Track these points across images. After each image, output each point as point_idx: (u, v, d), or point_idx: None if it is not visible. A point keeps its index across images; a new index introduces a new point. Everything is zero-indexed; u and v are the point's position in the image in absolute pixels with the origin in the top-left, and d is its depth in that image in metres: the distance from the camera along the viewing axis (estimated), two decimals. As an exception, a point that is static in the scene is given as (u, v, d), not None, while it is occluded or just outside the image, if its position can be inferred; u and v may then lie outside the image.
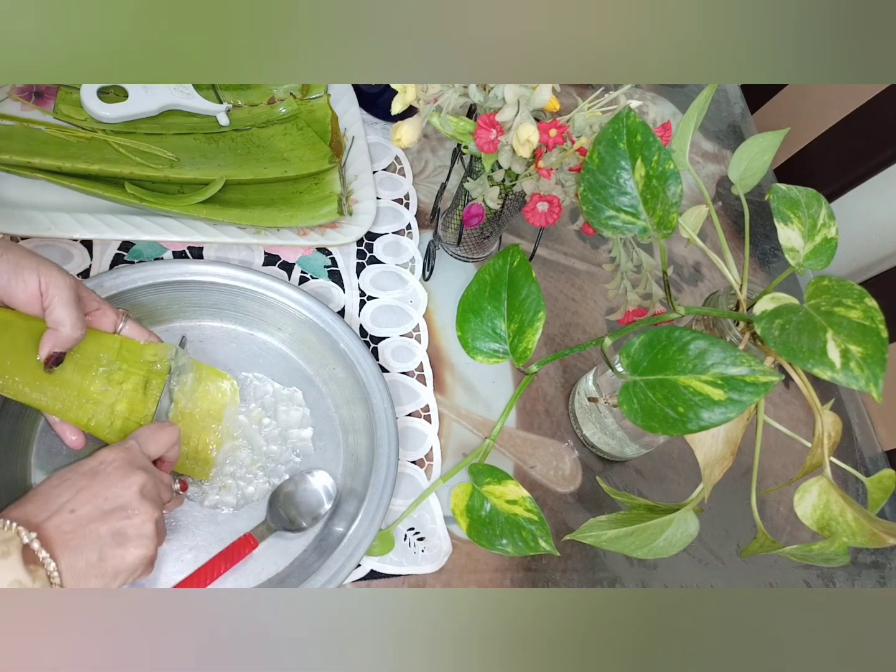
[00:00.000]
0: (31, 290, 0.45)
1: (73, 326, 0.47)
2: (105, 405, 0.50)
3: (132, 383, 0.51)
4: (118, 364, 0.51)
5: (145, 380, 0.52)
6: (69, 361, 0.49)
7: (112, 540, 0.41)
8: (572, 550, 0.62)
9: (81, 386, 0.49)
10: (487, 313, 0.53)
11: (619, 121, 0.47)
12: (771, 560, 0.68)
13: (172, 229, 0.60)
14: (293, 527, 0.54)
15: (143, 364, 0.52)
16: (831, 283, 0.43)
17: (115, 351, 0.51)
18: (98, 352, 0.50)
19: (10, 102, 0.63)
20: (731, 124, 1.01)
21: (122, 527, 0.42)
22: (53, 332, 0.47)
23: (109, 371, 0.50)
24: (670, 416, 0.41)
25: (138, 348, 0.52)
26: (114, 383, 0.50)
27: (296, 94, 0.73)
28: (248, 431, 0.56)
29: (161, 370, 0.53)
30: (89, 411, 0.49)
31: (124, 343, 0.51)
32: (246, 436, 0.56)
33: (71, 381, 0.49)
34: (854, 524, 0.42)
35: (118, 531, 0.42)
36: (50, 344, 0.47)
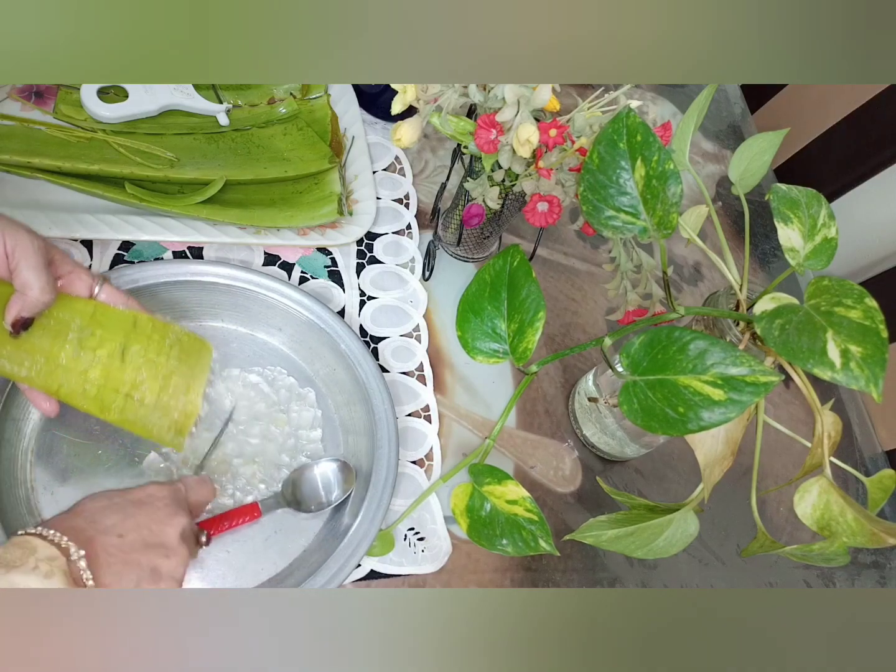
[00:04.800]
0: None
1: (41, 290, 0.44)
2: (76, 372, 0.48)
3: (107, 349, 0.49)
4: (91, 329, 0.48)
5: (123, 346, 0.49)
6: (38, 326, 0.46)
7: (149, 575, 0.41)
8: (572, 550, 0.62)
9: (50, 351, 0.47)
10: (487, 313, 0.53)
11: (619, 121, 0.47)
12: (771, 560, 0.68)
13: (172, 229, 0.60)
14: (300, 507, 0.54)
15: (118, 330, 0.49)
16: (831, 283, 0.43)
17: (89, 316, 0.48)
18: (69, 316, 0.48)
19: (10, 102, 0.63)
20: (731, 124, 1.01)
21: (159, 565, 0.42)
22: (20, 296, 0.44)
23: (81, 337, 0.48)
24: (670, 416, 0.41)
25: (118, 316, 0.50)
26: (87, 349, 0.48)
27: (296, 94, 0.73)
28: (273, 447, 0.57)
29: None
30: (59, 378, 0.47)
31: (99, 308, 0.49)
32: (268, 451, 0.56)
33: (39, 346, 0.47)
34: (854, 524, 0.42)
35: (155, 568, 0.41)
36: (16, 308, 0.44)
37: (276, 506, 0.54)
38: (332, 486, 0.55)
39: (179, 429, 0.51)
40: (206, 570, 0.52)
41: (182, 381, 0.51)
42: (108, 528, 0.41)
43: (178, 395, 0.51)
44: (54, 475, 0.52)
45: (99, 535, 0.40)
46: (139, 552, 0.41)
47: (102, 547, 0.39)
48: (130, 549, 0.41)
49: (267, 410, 0.58)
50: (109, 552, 0.40)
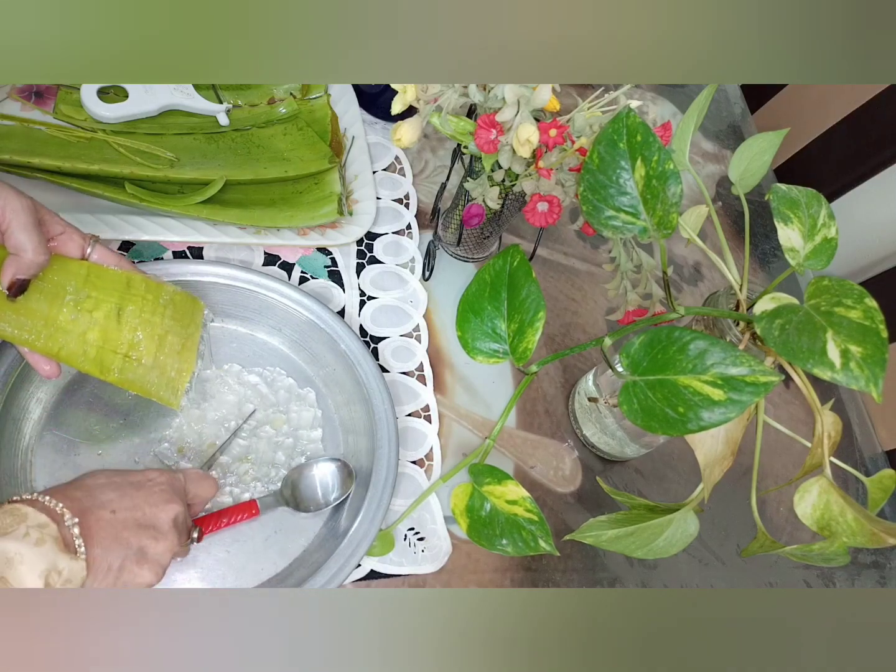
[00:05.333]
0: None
1: (34, 251, 0.44)
2: (75, 334, 0.48)
3: (103, 311, 0.49)
4: (86, 291, 0.48)
5: (118, 307, 0.49)
6: (34, 289, 0.46)
7: (135, 555, 0.41)
8: (572, 550, 0.62)
9: (49, 314, 0.47)
10: (487, 313, 0.53)
11: (619, 121, 0.47)
12: (771, 560, 0.68)
13: (172, 229, 0.60)
14: (299, 507, 0.54)
15: (113, 291, 0.49)
16: (831, 283, 0.43)
17: (83, 277, 0.48)
18: (64, 279, 0.48)
19: (10, 102, 0.63)
20: (731, 124, 1.01)
21: (147, 546, 0.42)
22: (14, 258, 0.44)
23: (78, 298, 0.48)
24: (670, 416, 0.41)
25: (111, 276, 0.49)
26: (83, 311, 0.48)
27: (296, 94, 0.73)
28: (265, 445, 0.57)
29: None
30: (59, 340, 0.48)
31: (92, 269, 0.49)
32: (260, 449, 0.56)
33: (37, 309, 0.47)
34: (854, 524, 0.42)
35: (142, 549, 0.42)
36: (11, 270, 0.44)
37: (275, 504, 0.54)
38: (332, 486, 0.55)
39: (175, 387, 0.51)
40: (206, 570, 0.52)
41: (177, 340, 0.52)
42: (103, 503, 0.41)
43: (174, 353, 0.51)
44: (54, 475, 0.52)
45: (94, 507, 0.40)
46: (130, 531, 0.41)
47: (95, 519, 0.40)
48: (122, 527, 0.41)
49: (265, 411, 0.58)
50: (101, 525, 0.40)
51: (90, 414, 0.54)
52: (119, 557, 0.40)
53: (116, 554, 0.40)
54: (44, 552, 0.36)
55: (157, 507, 0.43)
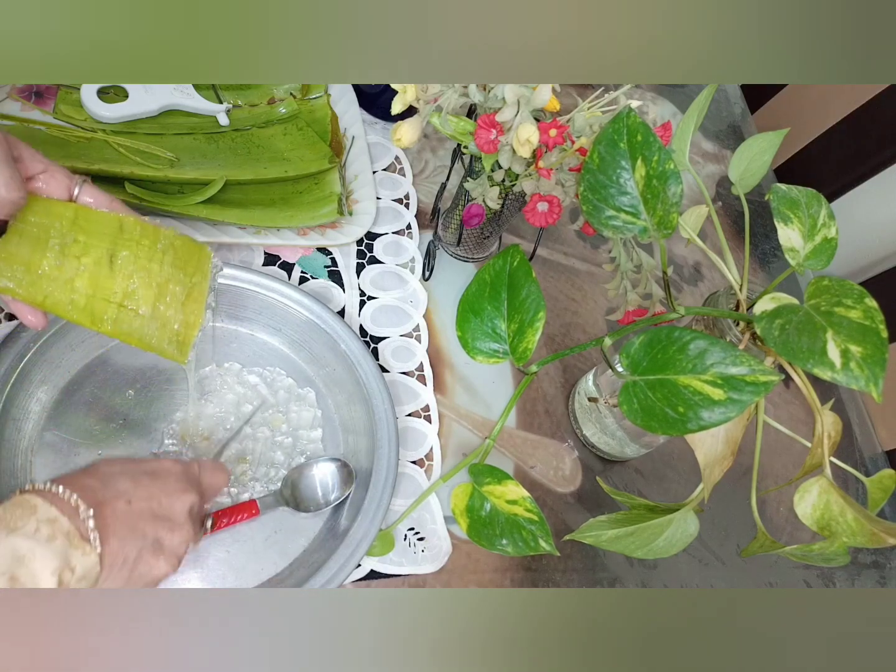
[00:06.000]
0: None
1: (6, 186, 0.40)
2: (61, 281, 0.44)
3: (93, 257, 0.45)
4: (73, 235, 0.45)
5: (110, 253, 0.46)
6: (14, 233, 0.43)
7: (151, 546, 0.40)
8: (572, 550, 0.62)
9: (31, 260, 0.43)
10: (487, 313, 0.53)
11: (619, 121, 0.47)
12: (771, 560, 0.68)
13: (172, 229, 0.60)
14: (299, 507, 0.54)
15: (104, 235, 0.46)
16: (831, 283, 0.43)
17: (70, 221, 0.45)
18: (48, 221, 0.44)
19: (10, 102, 0.63)
20: (731, 124, 1.01)
21: (163, 537, 0.41)
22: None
23: (63, 243, 0.44)
24: (670, 416, 0.41)
25: (102, 219, 0.46)
26: (69, 257, 0.44)
27: (296, 94, 0.73)
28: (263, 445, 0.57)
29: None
30: (43, 288, 0.44)
31: (80, 212, 0.45)
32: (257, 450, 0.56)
33: (17, 254, 0.43)
34: (854, 524, 0.42)
35: (158, 540, 0.41)
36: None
37: (275, 504, 0.54)
38: (332, 486, 0.55)
39: (182, 341, 0.48)
40: (206, 570, 0.52)
41: (179, 289, 0.48)
42: (119, 493, 0.40)
43: (177, 304, 0.47)
44: (54, 475, 0.51)
45: (109, 498, 0.39)
46: (146, 521, 0.40)
47: (111, 510, 0.39)
48: (138, 517, 0.40)
49: (262, 414, 0.58)
50: (117, 517, 0.39)
51: (90, 414, 0.54)
52: (135, 549, 0.39)
53: (132, 546, 0.39)
54: (56, 549, 0.35)
55: (172, 496, 0.43)
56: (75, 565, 0.35)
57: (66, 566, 0.35)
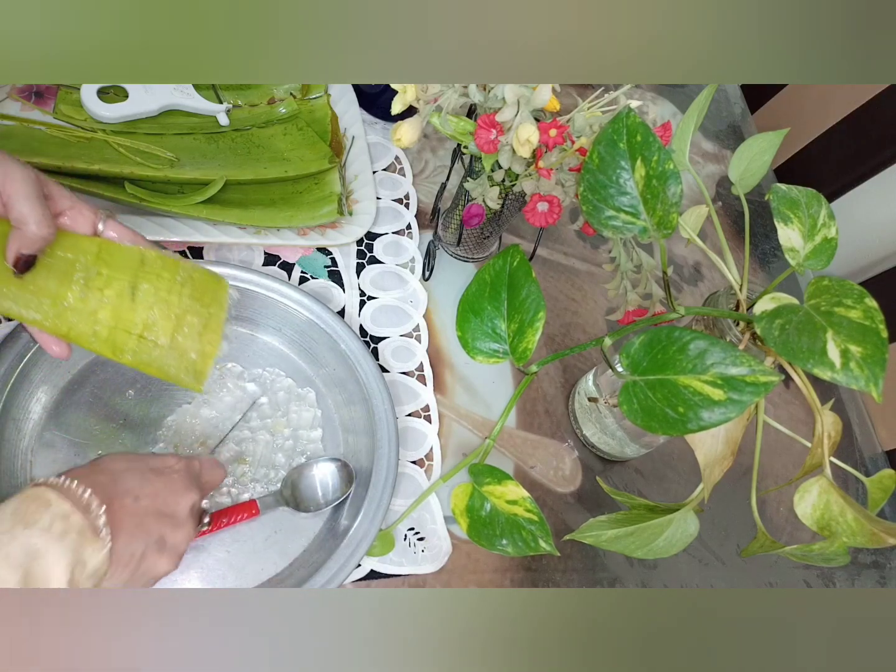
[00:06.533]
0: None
1: (38, 223, 0.42)
2: (85, 313, 0.46)
3: (115, 289, 0.47)
4: (97, 268, 0.46)
5: (132, 285, 0.47)
6: (42, 266, 0.45)
7: (156, 543, 0.41)
8: (572, 550, 0.62)
9: (57, 293, 0.45)
10: (487, 313, 0.53)
11: (619, 121, 0.47)
12: (771, 560, 0.68)
13: (172, 229, 0.60)
14: (299, 507, 0.54)
15: (126, 268, 0.47)
16: (831, 283, 0.43)
17: (94, 255, 0.46)
18: (74, 255, 0.46)
19: (10, 102, 0.63)
20: (731, 124, 1.01)
21: (166, 535, 0.42)
22: (18, 232, 0.42)
23: (88, 276, 0.46)
24: (670, 416, 0.41)
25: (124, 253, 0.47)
26: (93, 289, 0.46)
27: (296, 94, 0.73)
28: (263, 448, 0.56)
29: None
30: (68, 320, 0.46)
31: (104, 245, 0.47)
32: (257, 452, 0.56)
33: (45, 287, 0.45)
34: (854, 524, 0.42)
35: (162, 537, 0.42)
36: (16, 245, 0.42)
37: (275, 505, 0.54)
38: (332, 486, 0.55)
39: (199, 370, 0.49)
40: (206, 570, 0.52)
41: (197, 320, 0.49)
42: (127, 490, 0.41)
43: (194, 334, 0.49)
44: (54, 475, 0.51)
45: (118, 495, 0.40)
46: (151, 518, 0.41)
47: (120, 506, 0.40)
48: (144, 514, 0.41)
49: (262, 420, 0.58)
50: (125, 513, 0.40)
51: (90, 414, 0.54)
52: (141, 546, 0.40)
53: (139, 543, 0.40)
54: (69, 544, 0.35)
55: (176, 494, 0.43)
56: (87, 561, 0.36)
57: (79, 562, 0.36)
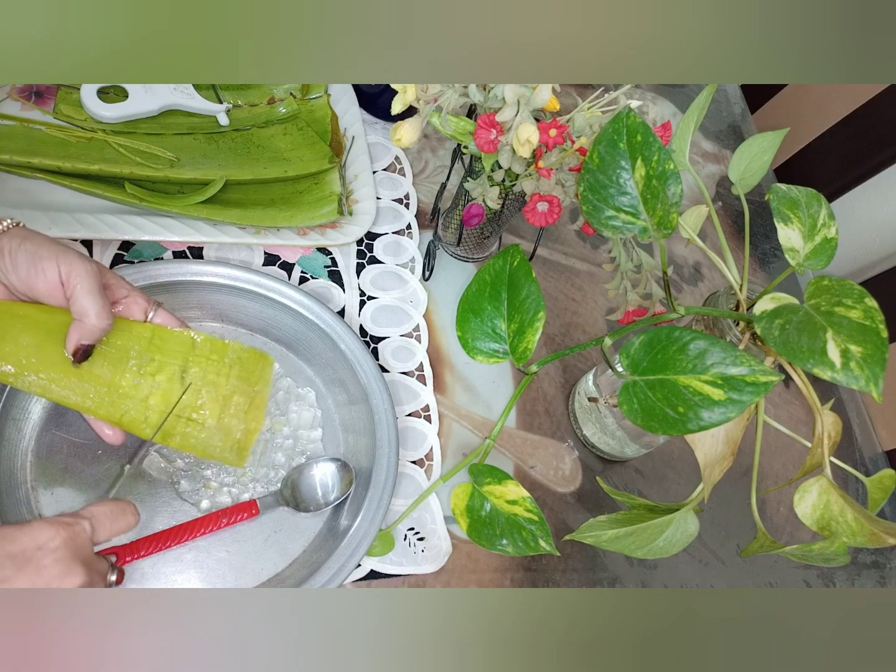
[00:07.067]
0: (51, 281, 0.43)
1: (98, 316, 0.44)
2: (137, 399, 0.47)
3: (166, 374, 0.48)
4: (150, 355, 0.48)
5: (182, 369, 0.49)
6: (98, 354, 0.46)
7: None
8: (572, 550, 0.62)
9: (112, 380, 0.47)
10: (487, 313, 0.53)
11: (619, 121, 0.47)
12: (771, 560, 0.68)
13: (172, 229, 0.60)
14: (299, 507, 0.54)
15: (177, 353, 0.49)
16: (831, 283, 0.43)
17: (147, 341, 0.48)
18: (128, 342, 0.47)
19: (10, 102, 0.63)
20: (731, 124, 1.01)
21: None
22: (79, 324, 0.44)
23: (141, 363, 0.48)
24: (670, 416, 0.41)
25: (176, 338, 0.49)
26: (146, 375, 0.48)
27: (296, 94, 0.73)
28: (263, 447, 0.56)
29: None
30: (122, 407, 0.47)
31: (156, 332, 0.48)
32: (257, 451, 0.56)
33: (100, 375, 0.46)
34: (854, 524, 0.42)
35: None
36: (76, 336, 0.44)
37: (275, 505, 0.54)
38: (332, 486, 0.55)
39: (242, 447, 0.50)
40: (206, 570, 0.52)
41: (243, 400, 0.51)
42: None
43: (240, 413, 0.50)
44: (54, 475, 0.52)
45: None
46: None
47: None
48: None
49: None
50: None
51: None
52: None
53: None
54: None
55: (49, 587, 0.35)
56: None
57: None
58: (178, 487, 0.53)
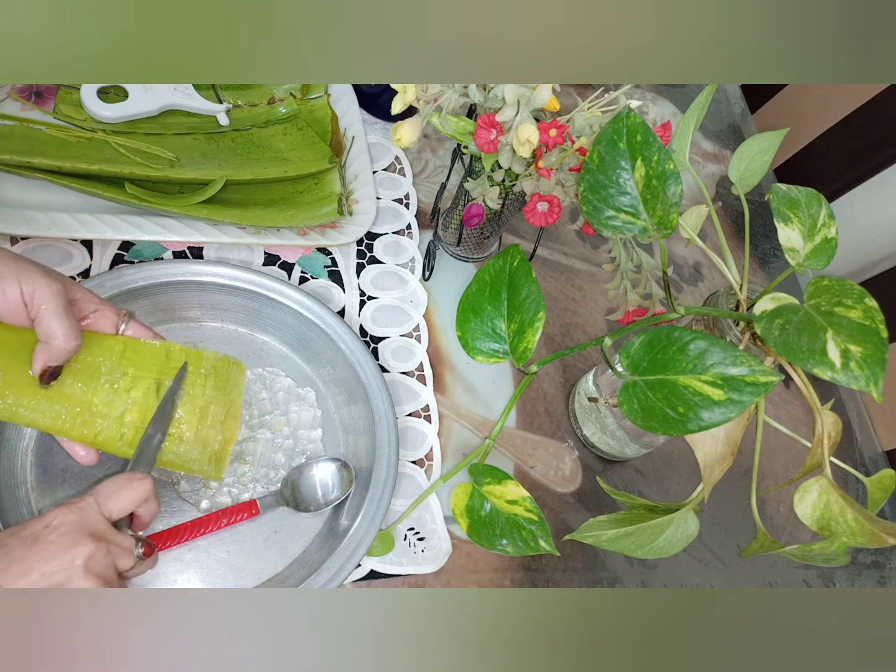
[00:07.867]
0: (12, 301, 0.41)
1: (65, 337, 0.42)
2: (112, 417, 0.45)
3: (142, 389, 0.46)
4: (122, 369, 0.46)
5: (157, 383, 0.47)
6: (67, 373, 0.44)
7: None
8: (572, 550, 0.62)
9: (83, 399, 0.45)
10: (487, 313, 0.53)
11: (619, 121, 0.47)
12: (771, 560, 0.68)
13: (172, 229, 0.60)
14: (299, 507, 0.54)
15: (151, 366, 0.47)
16: (831, 283, 0.43)
17: (119, 354, 0.46)
18: (99, 358, 0.45)
19: (10, 102, 0.63)
20: (731, 124, 1.01)
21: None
22: (45, 346, 0.42)
23: (113, 378, 0.46)
24: (670, 416, 0.41)
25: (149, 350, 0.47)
26: (120, 391, 0.46)
27: (296, 94, 0.73)
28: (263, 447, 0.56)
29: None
30: (96, 426, 0.45)
31: (128, 345, 0.46)
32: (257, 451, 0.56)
33: (71, 395, 0.44)
34: (854, 524, 0.42)
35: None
36: (42, 358, 0.42)
37: (275, 504, 0.54)
38: (332, 486, 0.55)
39: (219, 458, 0.49)
40: (206, 571, 0.52)
41: (220, 410, 0.49)
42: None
43: (217, 424, 0.49)
44: (54, 475, 0.52)
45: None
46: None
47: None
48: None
49: (260, 417, 0.58)
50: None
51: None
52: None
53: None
54: None
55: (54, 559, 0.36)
56: None
57: None
58: (178, 487, 0.53)
